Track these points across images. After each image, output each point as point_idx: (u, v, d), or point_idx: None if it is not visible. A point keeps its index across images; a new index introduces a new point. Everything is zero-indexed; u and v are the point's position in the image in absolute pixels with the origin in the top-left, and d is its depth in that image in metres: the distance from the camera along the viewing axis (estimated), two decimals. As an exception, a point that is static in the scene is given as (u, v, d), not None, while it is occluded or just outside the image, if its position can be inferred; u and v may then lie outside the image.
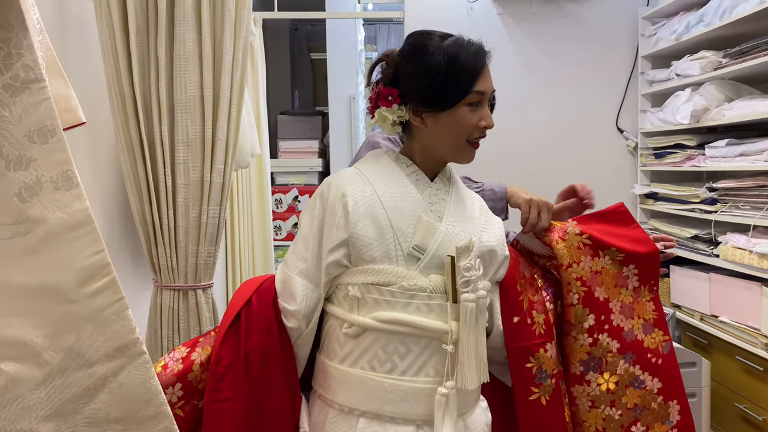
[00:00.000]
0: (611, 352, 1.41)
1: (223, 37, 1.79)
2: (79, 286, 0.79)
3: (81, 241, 0.79)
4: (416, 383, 1.19)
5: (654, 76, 3.36)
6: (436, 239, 1.22)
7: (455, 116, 1.23)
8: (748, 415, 2.51)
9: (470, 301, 1.17)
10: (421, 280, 1.20)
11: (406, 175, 1.28)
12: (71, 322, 0.78)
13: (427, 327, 1.18)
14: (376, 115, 1.28)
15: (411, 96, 1.24)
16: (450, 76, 1.20)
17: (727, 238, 2.69)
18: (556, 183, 1.78)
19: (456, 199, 1.30)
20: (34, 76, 0.75)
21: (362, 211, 1.21)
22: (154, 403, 0.83)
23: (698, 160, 2.95)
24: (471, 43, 1.23)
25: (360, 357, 1.21)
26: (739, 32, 2.78)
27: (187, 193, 1.81)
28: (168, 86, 1.78)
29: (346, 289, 1.23)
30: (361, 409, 1.20)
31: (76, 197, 0.78)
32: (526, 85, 3.47)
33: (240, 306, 1.25)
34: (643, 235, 1.49)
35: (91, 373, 0.79)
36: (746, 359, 2.53)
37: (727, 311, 2.69)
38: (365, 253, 1.20)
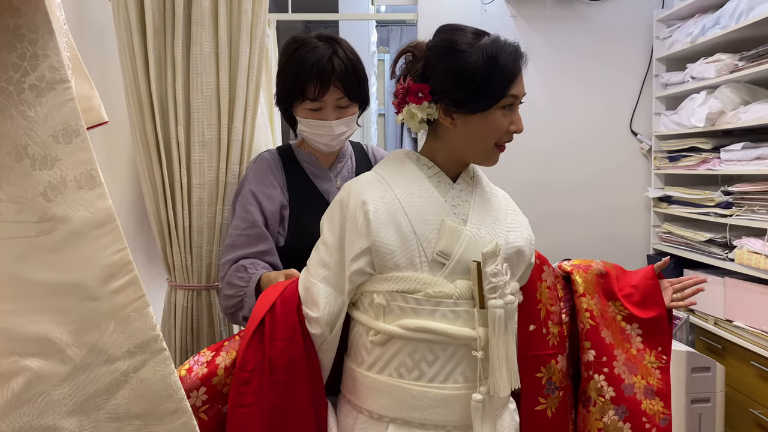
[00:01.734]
0: (603, 398, 1.37)
1: (240, 37, 1.81)
2: (102, 284, 0.80)
3: (104, 239, 0.80)
4: (445, 390, 1.18)
5: (669, 79, 3.35)
6: (461, 244, 1.18)
7: (488, 119, 1.19)
8: (763, 421, 2.50)
9: (498, 307, 1.14)
10: (447, 286, 1.17)
11: (428, 177, 1.24)
12: (94, 318, 0.80)
13: (454, 334, 1.16)
14: (404, 112, 1.23)
15: (443, 95, 1.19)
16: (488, 78, 1.16)
17: (743, 242, 2.67)
18: (570, 185, 1.80)
19: (481, 199, 1.27)
20: (59, 76, 0.77)
21: (384, 218, 1.17)
22: (174, 398, 0.84)
23: (713, 164, 2.94)
24: (509, 44, 1.20)
25: (387, 364, 1.19)
26: (755, 35, 2.77)
27: (202, 193, 1.83)
28: (184, 87, 1.80)
29: (371, 297, 1.21)
30: (390, 416, 1.19)
31: (99, 196, 0.80)
32: (540, 88, 3.47)
33: (264, 311, 1.23)
34: (654, 297, 1.47)
35: (114, 369, 0.80)
36: (761, 364, 2.52)
37: (742, 316, 2.68)
38: (389, 260, 1.17)
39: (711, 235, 2.93)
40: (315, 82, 1.50)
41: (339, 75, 1.51)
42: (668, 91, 3.36)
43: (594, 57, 3.49)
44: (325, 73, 1.50)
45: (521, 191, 3.62)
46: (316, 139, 1.58)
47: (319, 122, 1.55)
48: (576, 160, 3.50)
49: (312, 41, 1.54)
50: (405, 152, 1.31)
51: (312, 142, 1.60)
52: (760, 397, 2.55)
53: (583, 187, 3.51)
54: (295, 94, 1.54)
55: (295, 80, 1.53)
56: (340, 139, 1.59)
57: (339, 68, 1.51)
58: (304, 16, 3.49)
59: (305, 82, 1.51)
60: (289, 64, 1.54)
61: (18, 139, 0.75)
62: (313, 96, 1.52)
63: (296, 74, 1.52)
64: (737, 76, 2.80)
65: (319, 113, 1.55)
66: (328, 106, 1.54)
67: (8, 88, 0.75)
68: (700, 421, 2.45)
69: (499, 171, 4.05)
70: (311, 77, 1.50)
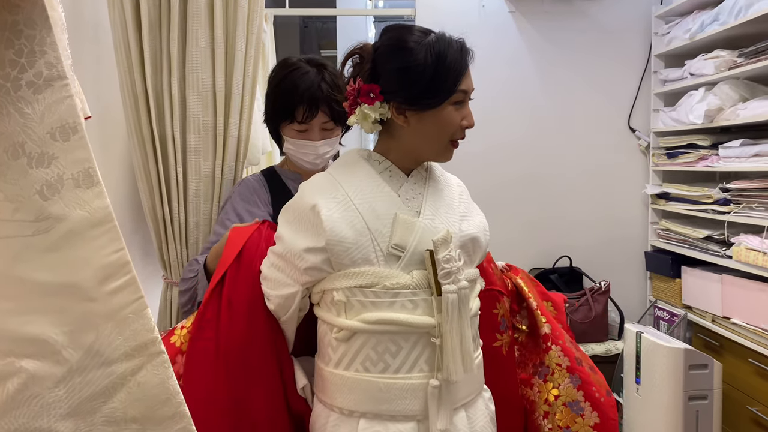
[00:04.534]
0: (560, 366, 1.45)
1: (236, 33, 1.79)
2: (99, 285, 0.79)
3: (101, 239, 0.79)
4: (411, 379, 1.19)
5: (667, 75, 3.35)
6: (415, 236, 1.21)
7: (440, 115, 1.21)
8: (761, 418, 2.50)
9: (452, 292, 1.17)
10: (404, 277, 1.19)
11: (379, 173, 1.26)
12: (91, 320, 0.78)
13: (414, 323, 1.18)
14: (357, 113, 1.25)
15: (394, 93, 1.21)
16: (438, 74, 1.18)
17: (740, 240, 2.67)
18: (568, 182, 1.79)
19: (434, 191, 1.29)
20: (57, 73, 0.75)
21: (336, 217, 1.19)
22: (173, 402, 0.83)
23: (711, 161, 2.93)
24: (455, 40, 1.21)
25: (353, 359, 1.21)
26: (754, 31, 2.76)
27: (198, 189, 1.82)
28: (180, 82, 1.79)
29: (331, 295, 1.23)
30: (360, 411, 1.20)
31: (97, 195, 0.79)
32: (538, 83, 3.46)
33: (231, 258, 1.32)
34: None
35: (110, 372, 0.79)
36: (759, 362, 2.52)
37: (740, 313, 2.68)
38: (344, 257, 1.19)
39: (709, 232, 2.93)
40: (304, 107, 1.59)
41: (327, 99, 1.60)
42: (666, 88, 3.35)
43: (592, 53, 3.48)
44: (315, 99, 1.59)
45: (518, 187, 3.63)
46: (301, 158, 1.66)
47: (305, 142, 1.63)
48: (574, 156, 3.49)
49: (303, 66, 1.63)
50: (357, 151, 1.32)
51: (297, 160, 1.68)
52: (758, 394, 2.55)
53: (581, 183, 3.50)
54: (285, 116, 1.63)
55: (286, 103, 1.61)
56: (323, 158, 1.67)
57: (326, 92, 1.60)
58: (301, 11, 3.48)
59: (296, 106, 1.60)
60: (281, 87, 1.62)
61: (15, 136, 0.74)
62: (302, 119, 1.61)
63: (287, 97, 1.60)
64: (736, 73, 2.79)
65: (305, 134, 1.64)
66: (315, 128, 1.62)
67: (5, 84, 0.73)
68: (697, 419, 2.45)
69: (499, 165, 4.06)
70: (302, 102, 1.59)
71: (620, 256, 3.52)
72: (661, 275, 3.31)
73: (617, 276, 3.42)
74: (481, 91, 1.62)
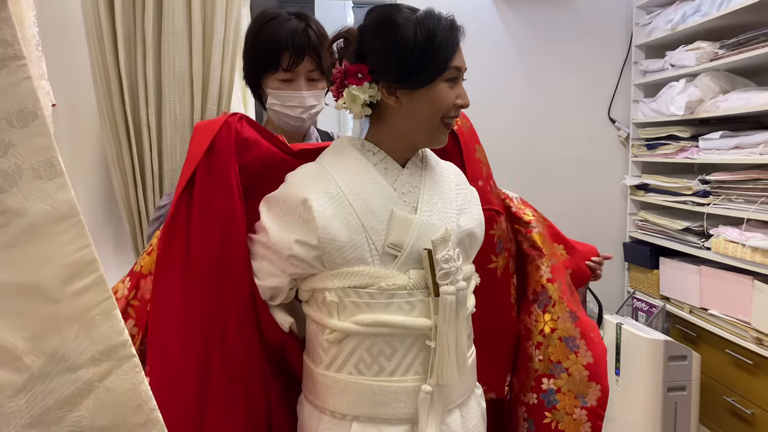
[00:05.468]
0: (562, 300, 1.40)
1: (214, 15, 1.71)
2: (63, 285, 0.72)
3: (65, 235, 0.72)
4: (406, 383, 1.13)
5: (647, 66, 3.33)
6: (412, 234, 1.13)
7: (433, 93, 1.14)
8: (737, 408, 2.51)
9: (450, 294, 1.11)
10: (400, 278, 1.13)
11: (373, 165, 1.18)
12: (54, 323, 0.71)
13: (411, 326, 1.12)
14: (345, 95, 1.16)
15: (384, 72, 1.13)
16: (428, 49, 1.12)
17: (719, 231, 2.67)
18: (547, 172, 1.74)
19: (431, 183, 1.22)
20: (13, 52, 0.68)
21: (329, 214, 1.11)
22: (144, 409, 0.76)
23: (691, 152, 2.92)
24: (445, 17, 1.15)
25: (346, 362, 1.15)
26: (736, 23, 2.74)
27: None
28: (155, 66, 1.70)
29: (323, 295, 1.15)
30: (353, 414, 1.14)
31: (60, 187, 0.71)
32: (519, 72, 3.41)
33: (198, 157, 1.18)
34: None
35: (76, 378, 0.72)
36: (736, 353, 2.53)
37: (718, 304, 2.68)
38: (338, 257, 1.12)
39: (688, 224, 2.92)
40: (290, 52, 1.47)
41: (313, 47, 1.49)
42: (647, 79, 3.33)
43: (573, 43, 3.45)
44: (301, 43, 1.48)
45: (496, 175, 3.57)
46: (287, 112, 1.52)
47: (291, 93, 1.51)
48: (553, 146, 3.45)
49: (284, 15, 1.52)
50: (348, 140, 1.24)
51: (281, 116, 1.53)
52: (735, 384, 2.56)
53: (560, 173, 3.47)
54: (269, 65, 1.50)
55: (269, 50, 1.49)
56: (310, 113, 1.54)
57: (313, 40, 1.49)
58: (279, -5, 3.38)
59: (280, 52, 1.48)
60: (262, 35, 1.50)
61: (-34, 122, 0.67)
62: (287, 66, 1.49)
63: (271, 44, 1.48)
64: (717, 65, 2.77)
65: (290, 84, 1.51)
66: (301, 77, 1.51)
67: (-47, 64, 0.66)
68: (675, 409, 2.45)
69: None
70: (286, 47, 1.47)
71: (598, 247, 3.48)
72: (639, 266, 3.30)
73: (596, 266, 3.41)
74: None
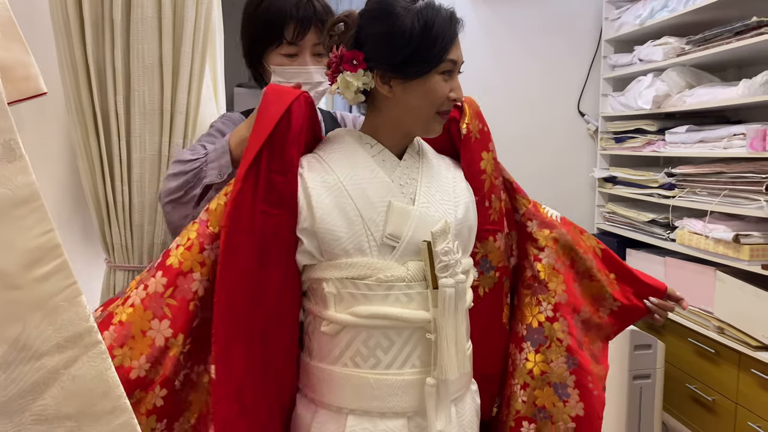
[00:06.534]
0: (560, 342, 1.29)
1: (185, 1, 1.68)
2: (25, 270, 0.70)
3: (26, 219, 0.70)
4: (403, 376, 1.13)
5: (617, 61, 3.36)
6: (410, 225, 1.13)
7: (427, 85, 1.14)
8: (699, 395, 2.56)
9: (449, 286, 1.10)
10: (398, 269, 1.12)
11: (371, 156, 1.18)
12: (16, 310, 0.69)
13: (409, 318, 1.12)
14: (339, 81, 1.16)
15: (379, 61, 1.13)
16: (425, 41, 1.11)
17: (684, 223, 2.71)
18: (516, 164, 1.73)
19: (428, 175, 1.21)
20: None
21: (327, 203, 1.12)
22: (111, 396, 0.74)
23: (658, 146, 2.96)
24: (444, 8, 1.15)
25: (342, 354, 1.14)
26: (702, 19, 2.79)
27: (143, 168, 1.70)
28: (124, 54, 1.66)
29: (320, 286, 1.14)
30: (349, 407, 1.13)
31: (20, 170, 0.69)
32: (488, 64, 3.41)
33: (274, 121, 1.10)
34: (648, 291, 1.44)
35: (40, 366, 0.70)
36: (698, 341, 2.58)
37: (682, 294, 2.72)
38: (336, 247, 1.11)
39: (654, 216, 2.97)
40: (295, 22, 1.39)
41: (319, 17, 1.41)
42: (616, 73, 3.37)
43: (544, 36, 3.47)
44: (307, 14, 1.40)
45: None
46: None
47: (297, 69, 1.42)
48: (523, 138, 3.46)
49: None
50: (346, 131, 1.24)
51: None
52: (697, 372, 2.61)
53: (530, 166, 3.48)
54: (271, 38, 1.42)
55: (272, 22, 1.40)
56: (317, 90, 1.46)
57: (319, 10, 1.41)
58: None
59: (284, 23, 1.39)
60: (263, 7, 1.42)
61: None
62: (292, 38, 1.40)
63: (274, 15, 1.40)
64: (683, 60, 2.82)
65: (295, 59, 1.43)
66: (306, 51, 1.42)
67: None
68: (640, 396, 2.49)
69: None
70: (291, 17, 1.39)
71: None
72: (607, 257, 3.34)
73: (565, 258, 3.44)
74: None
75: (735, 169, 2.44)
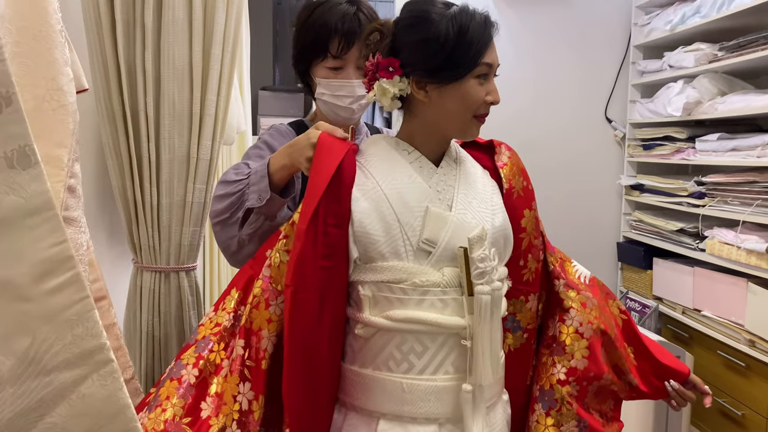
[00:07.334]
0: (570, 406, 1.22)
1: (216, 4, 1.63)
2: (36, 282, 0.65)
3: (39, 229, 0.65)
4: (435, 381, 1.09)
5: (645, 67, 3.25)
6: (447, 230, 1.10)
7: (463, 89, 1.10)
8: (728, 410, 2.45)
9: (485, 293, 1.06)
10: (434, 275, 1.09)
11: (409, 163, 1.15)
12: (25, 323, 0.64)
13: (444, 324, 1.07)
14: (376, 88, 1.13)
15: (414, 67, 1.10)
16: (459, 45, 1.08)
17: (714, 233, 2.60)
18: (543, 170, 1.65)
19: (465, 182, 1.17)
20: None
21: (365, 207, 1.09)
22: (121, 419, 0.69)
23: (688, 153, 2.85)
24: (479, 13, 1.12)
25: (375, 358, 1.10)
26: (735, 25, 2.67)
27: (172, 169, 1.67)
28: (155, 56, 1.63)
29: (356, 289, 1.11)
30: (380, 411, 1.09)
31: (34, 178, 0.64)
32: (517, 70, 3.32)
33: (329, 176, 1.07)
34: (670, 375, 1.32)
35: (48, 382, 0.65)
36: (728, 354, 2.47)
37: (711, 306, 2.62)
38: (372, 250, 1.08)
39: (682, 225, 2.85)
40: (340, 38, 1.36)
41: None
42: (644, 79, 3.25)
43: (572, 42, 3.37)
44: (351, 28, 1.36)
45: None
46: (337, 102, 1.41)
47: (341, 82, 1.40)
48: (550, 145, 3.37)
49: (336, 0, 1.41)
50: (383, 137, 1.20)
51: (330, 106, 1.43)
52: (726, 386, 2.50)
53: (556, 172, 3.39)
54: (317, 51, 1.39)
55: (319, 35, 1.38)
56: (360, 103, 1.42)
57: (364, 24, 1.37)
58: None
59: (329, 37, 1.37)
60: (312, 19, 1.39)
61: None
62: (336, 52, 1.38)
63: (320, 28, 1.37)
64: (716, 66, 2.70)
65: (340, 73, 1.40)
66: (350, 65, 1.39)
67: None
68: (667, 410, 2.39)
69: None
70: (336, 32, 1.36)
71: (592, 246, 3.43)
72: (633, 266, 3.24)
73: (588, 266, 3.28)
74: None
75: (769, 179, 2.33)
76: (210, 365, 1.11)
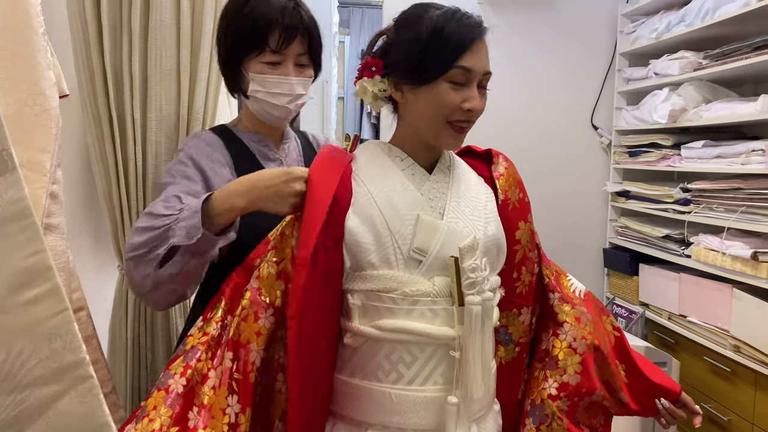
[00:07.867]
0: (561, 421, 1.18)
1: (204, 7, 1.59)
2: (12, 293, 0.61)
3: (16, 238, 0.61)
4: (425, 392, 1.05)
5: (631, 74, 3.25)
6: (438, 239, 1.06)
7: (434, 92, 1.06)
8: (714, 415, 2.44)
9: (475, 304, 1.03)
10: (424, 284, 1.05)
11: (401, 170, 1.12)
12: (1, 335, 0.61)
13: (433, 334, 1.04)
14: (357, 87, 1.14)
15: (394, 67, 1.10)
16: (432, 47, 1.04)
17: (699, 239, 2.60)
18: (528, 176, 1.60)
19: (458, 190, 1.14)
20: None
21: (357, 216, 1.05)
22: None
23: (673, 160, 2.85)
24: (464, 15, 1.07)
25: (364, 367, 1.07)
26: (720, 34, 2.68)
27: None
28: (141, 59, 1.58)
29: (346, 298, 1.08)
30: (368, 422, 1.06)
31: (12, 184, 0.60)
32: (503, 76, 3.31)
33: (330, 197, 1.02)
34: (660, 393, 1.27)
35: (23, 398, 0.61)
36: (714, 359, 2.46)
37: (697, 311, 2.61)
38: (362, 258, 1.04)
39: (668, 231, 2.85)
40: (281, 31, 1.28)
41: (305, 27, 1.31)
42: (630, 87, 3.25)
43: (558, 49, 3.37)
44: (293, 22, 1.29)
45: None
46: (272, 100, 1.31)
47: (279, 78, 1.30)
48: (536, 151, 3.36)
49: None
50: (377, 143, 1.18)
51: (264, 105, 1.33)
52: (713, 391, 2.49)
53: (542, 178, 3.37)
54: (254, 45, 1.29)
55: (255, 28, 1.28)
56: (297, 103, 1.34)
57: (305, 19, 1.31)
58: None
59: (268, 30, 1.27)
60: (246, 11, 1.29)
61: None
62: (276, 46, 1.28)
63: (257, 21, 1.28)
64: (700, 74, 2.70)
65: (277, 68, 1.30)
66: (289, 60, 1.31)
67: None
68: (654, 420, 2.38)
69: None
70: (276, 24, 1.27)
71: (578, 253, 3.42)
72: (619, 272, 3.23)
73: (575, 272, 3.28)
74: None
75: (753, 186, 2.33)
76: (197, 374, 1.06)
